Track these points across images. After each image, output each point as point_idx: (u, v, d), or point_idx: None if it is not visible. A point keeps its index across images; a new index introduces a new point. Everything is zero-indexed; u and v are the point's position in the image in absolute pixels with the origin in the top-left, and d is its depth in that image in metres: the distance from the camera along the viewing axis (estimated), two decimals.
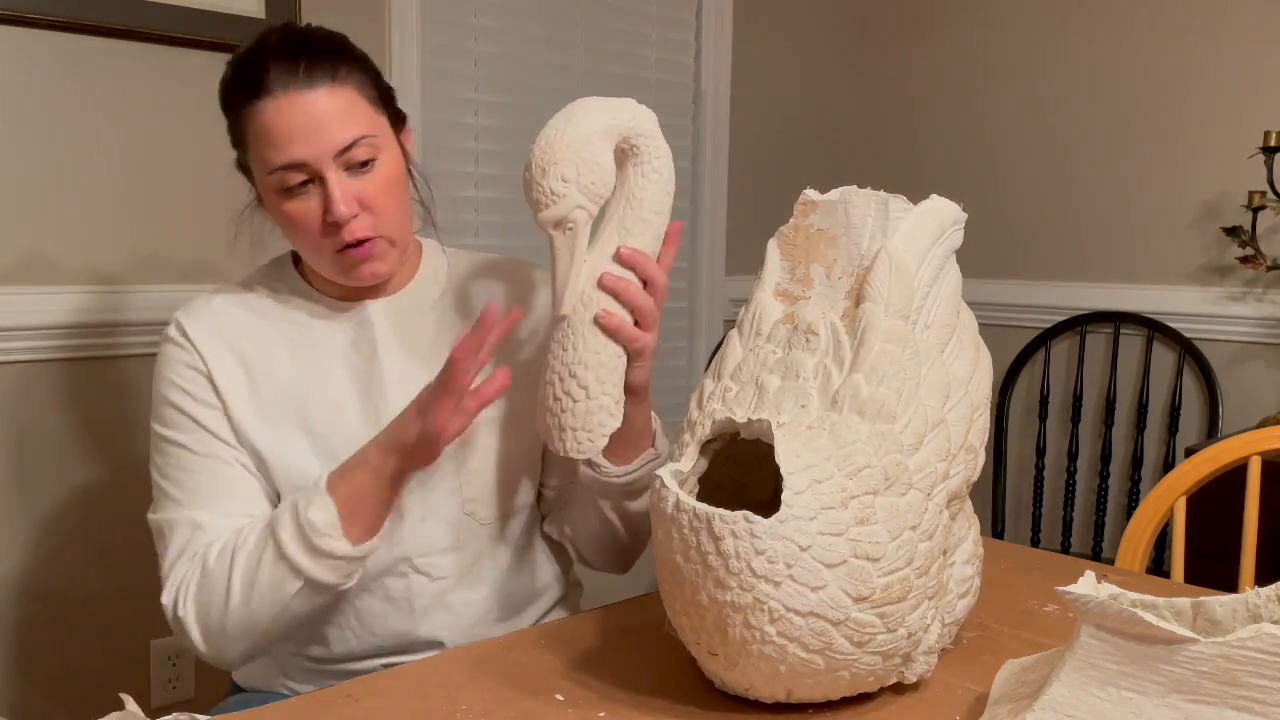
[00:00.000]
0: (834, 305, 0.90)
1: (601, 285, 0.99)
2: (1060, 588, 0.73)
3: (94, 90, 1.73)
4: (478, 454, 1.13)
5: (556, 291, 0.98)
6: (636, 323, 1.00)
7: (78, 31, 1.70)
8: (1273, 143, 2.19)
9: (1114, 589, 0.73)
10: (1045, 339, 2.65)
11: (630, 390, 1.02)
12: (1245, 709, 0.68)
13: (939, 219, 0.91)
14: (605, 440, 1.01)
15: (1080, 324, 2.60)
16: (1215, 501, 1.51)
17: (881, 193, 0.91)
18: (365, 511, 1.02)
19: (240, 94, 1.06)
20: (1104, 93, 2.59)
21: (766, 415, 0.83)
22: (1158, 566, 2.33)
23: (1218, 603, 0.77)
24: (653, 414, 1.12)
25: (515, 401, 1.16)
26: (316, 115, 1.03)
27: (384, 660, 1.13)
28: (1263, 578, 1.17)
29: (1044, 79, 2.68)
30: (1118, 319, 2.55)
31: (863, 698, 0.86)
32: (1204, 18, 2.43)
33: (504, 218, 2.35)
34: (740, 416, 0.84)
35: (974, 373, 0.90)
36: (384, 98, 1.12)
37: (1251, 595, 0.77)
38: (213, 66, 1.85)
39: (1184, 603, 0.77)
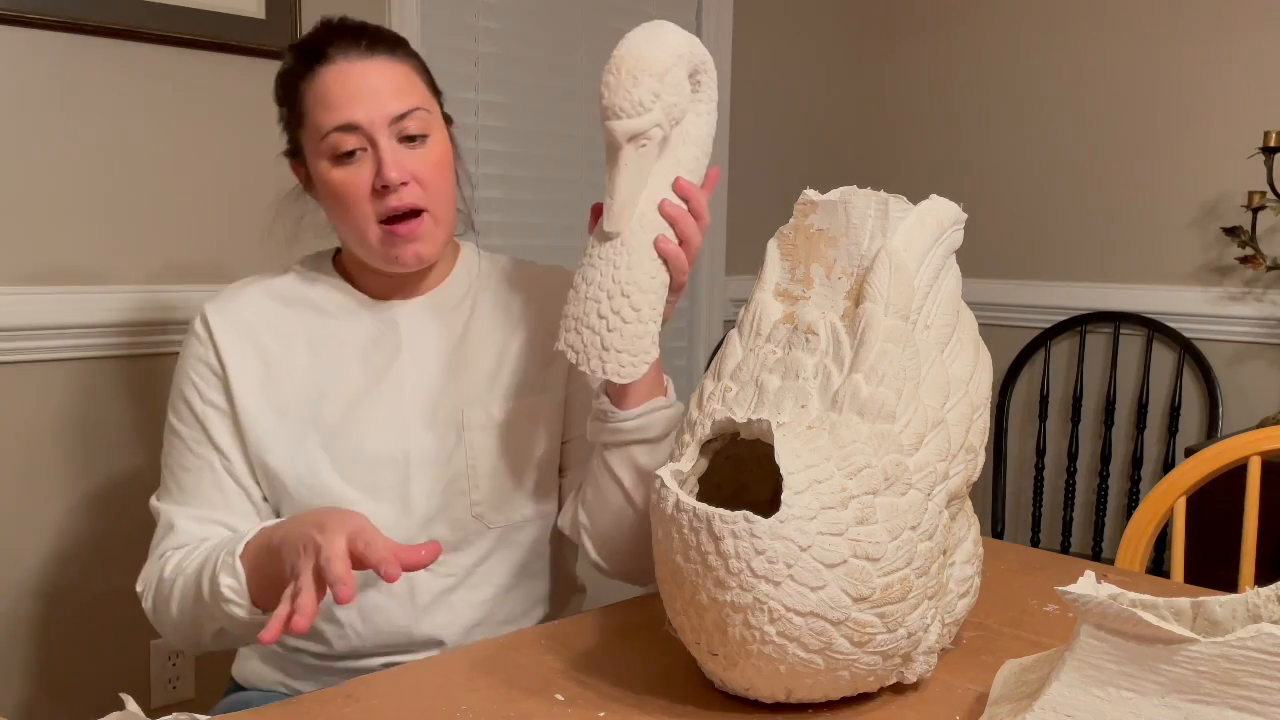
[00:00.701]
0: (834, 305, 0.89)
1: (663, 211, 0.97)
2: (1060, 588, 0.73)
3: (94, 90, 1.73)
4: (490, 458, 1.13)
5: (617, 206, 0.95)
6: None
7: (78, 31, 1.70)
8: (1273, 143, 2.19)
9: (1114, 589, 0.73)
10: (1045, 339, 2.65)
11: None
12: (1245, 709, 0.68)
13: (939, 219, 0.91)
14: (646, 368, 0.97)
15: (1080, 324, 2.60)
16: (1215, 501, 1.51)
17: (881, 193, 0.91)
18: (272, 586, 0.99)
19: (301, 66, 1.08)
20: (1104, 92, 2.59)
21: (766, 415, 0.83)
22: (1158, 566, 2.33)
23: (1218, 603, 0.77)
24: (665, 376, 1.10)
25: (533, 406, 1.15)
26: (374, 82, 1.06)
27: (384, 659, 1.13)
28: (1263, 578, 1.17)
29: (1044, 79, 2.68)
30: (1118, 319, 2.55)
31: (863, 698, 0.86)
32: (1204, 18, 2.43)
33: (504, 218, 2.35)
34: (740, 416, 0.84)
35: (974, 373, 0.90)
36: (436, 90, 1.14)
37: (1251, 595, 0.77)
38: (213, 66, 1.86)
39: (1184, 603, 0.77)
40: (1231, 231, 2.34)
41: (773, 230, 0.97)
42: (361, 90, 1.05)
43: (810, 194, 0.94)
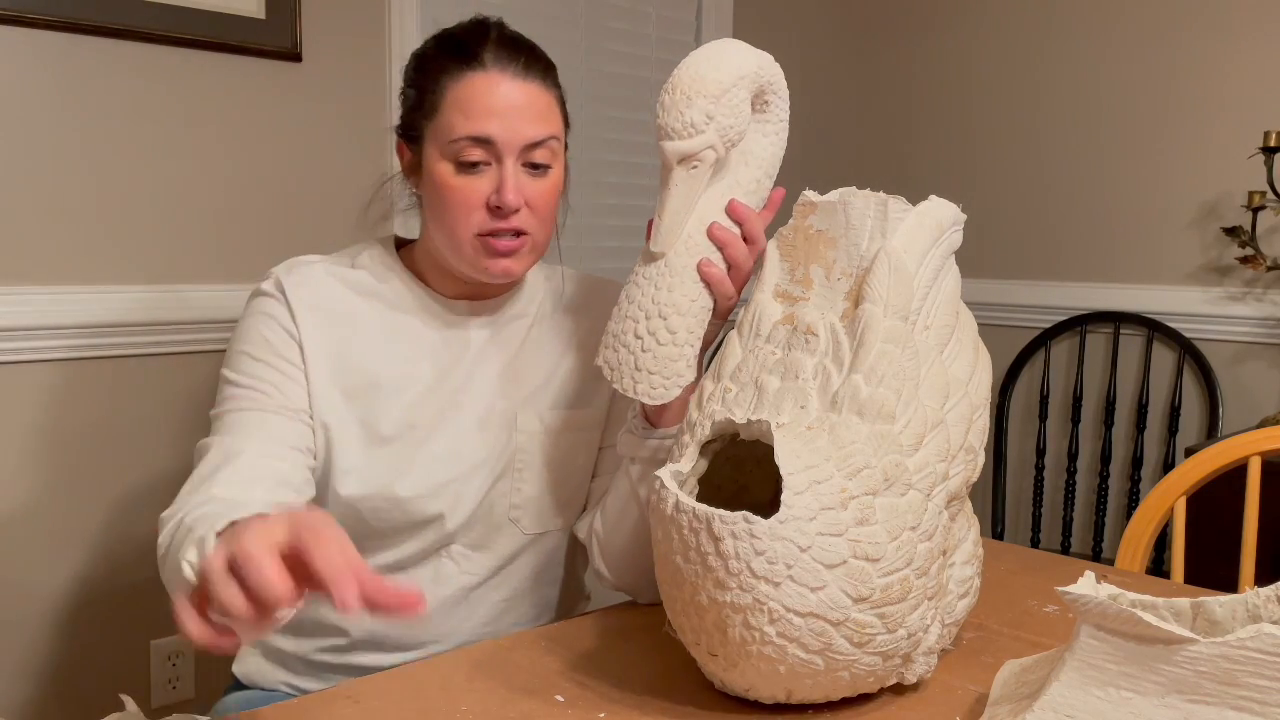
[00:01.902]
0: (833, 306, 0.90)
1: (711, 235, 0.97)
2: (1060, 588, 0.73)
3: (94, 90, 1.74)
4: (535, 463, 1.14)
5: (664, 227, 0.95)
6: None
7: (78, 31, 1.70)
8: (1273, 143, 2.19)
9: (1114, 589, 0.73)
10: (1045, 339, 2.65)
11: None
12: (1245, 709, 0.68)
13: (938, 220, 0.91)
14: (678, 391, 0.97)
15: (1080, 324, 2.60)
16: (1215, 501, 1.52)
17: (881, 194, 0.91)
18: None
19: (450, 60, 1.07)
20: (1104, 92, 2.59)
21: (766, 416, 0.83)
22: (1158, 567, 2.33)
23: (1217, 603, 0.77)
24: None
25: (581, 418, 1.16)
26: (520, 103, 1.05)
27: (392, 656, 1.13)
28: (1263, 578, 1.17)
29: (1043, 79, 2.68)
30: (1118, 319, 2.55)
31: (863, 698, 0.86)
32: (1204, 18, 2.43)
33: None
34: (740, 417, 0.84)
35: (973, 373, 0.90)
36: (567, 122, 1.13)
37: (1251, 595, 0.77)
38: (213, 66, 1.86)
39: (1184, 603, 0.77)
40: (1231, 231, 2.34)
41: (772, 231, 0.97)
42: (507, 109, 1.05)
43: (809, 195, 0.94)
